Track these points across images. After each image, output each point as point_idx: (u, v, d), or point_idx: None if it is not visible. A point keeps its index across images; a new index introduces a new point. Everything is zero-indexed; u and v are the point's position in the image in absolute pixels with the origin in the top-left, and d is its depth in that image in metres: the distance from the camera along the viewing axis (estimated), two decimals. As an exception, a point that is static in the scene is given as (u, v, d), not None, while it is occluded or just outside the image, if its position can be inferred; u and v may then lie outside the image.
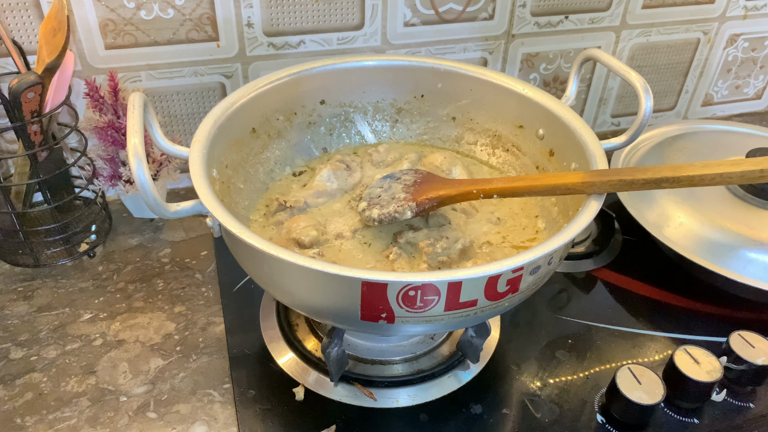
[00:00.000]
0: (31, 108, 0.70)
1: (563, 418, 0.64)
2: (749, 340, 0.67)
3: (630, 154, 0.95)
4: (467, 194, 0.63)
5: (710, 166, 0.54)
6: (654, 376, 0.62)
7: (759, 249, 0.76)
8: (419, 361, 0.69)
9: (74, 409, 0.63)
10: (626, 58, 1.06)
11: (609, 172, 0.58)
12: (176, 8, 0.80)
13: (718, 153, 0.92)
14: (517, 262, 0.49)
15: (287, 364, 0.68)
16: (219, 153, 0.64)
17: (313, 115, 0.78)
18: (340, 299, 0.52)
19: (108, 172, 0.81)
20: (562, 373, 0.69)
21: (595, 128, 1.13)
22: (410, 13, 0.89)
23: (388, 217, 0.63)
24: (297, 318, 0.73)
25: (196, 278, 0.79)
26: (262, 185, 0.73)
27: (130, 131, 0.52)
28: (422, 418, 0.64)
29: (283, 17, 0.84)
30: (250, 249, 0.51)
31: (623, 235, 0.89)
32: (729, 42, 1.11)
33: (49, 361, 0.68)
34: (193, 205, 0.55)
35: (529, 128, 0.74)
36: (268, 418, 0.63)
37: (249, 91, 0.70)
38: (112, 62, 0.81)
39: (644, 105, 0.65)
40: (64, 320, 0.72)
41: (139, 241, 0.84)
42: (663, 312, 0.78)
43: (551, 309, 0.77)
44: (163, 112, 0.88)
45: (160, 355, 0.69)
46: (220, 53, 0.85)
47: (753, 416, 0.65)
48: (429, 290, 0.49)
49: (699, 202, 0.82)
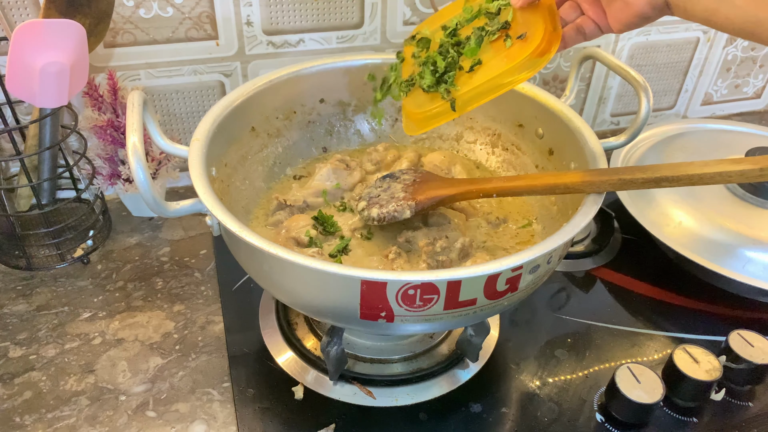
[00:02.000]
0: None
1: (562, 417, 0.64)
2: (748, 339, 0.67)
3: (629, 153, 0.95)
4: (466, 193, 0.63)
5: (709, 165, 0.54)
6: (653, 375, 0.62)
7: (758, 248, 0.76)
8: (418, 360, 0.69)
9: (73, 408, 0.63)
10: (626, 57, 1.06)
11: (608, 171, 0.58)
12: (175, 7, 0.79)
13: (718, 152, 0.92)
14: (516, 261, 0.49)
15: (286, 363, 0.68)
16: (218, 152, 0.64)
17: (312, 114, 0.78)
18: (340, 298, 0.52)
19: (107, 170, 0.81)
20: (561, 372, 0.69)
21: (595, 127, 1.13)
22: (410, 12, 0.89)
23: (387, 216, 0.63)
24: (296, 317, 0.73)
25: (195, 277, 0.79)
26: (262, 184, 0.73)
27: (130, 130, 0.52)
28: (421, 416, 0.64)
29: (282, 16, 0.84)
30: (249, 248, 0.51)
31: (622, 234, 0.89)
32: (728, 41, 1.11)
33: (48, 359, 0.68)
34: (192, 204, 0.55)
35: (528, 127, 0.74)
36: (267, 416, 0.63)
37: (248, 90, 0.70)
38: (111, 61, 0.81)
39: (644, 104, 0.65)
40: (63, 319, 0.72)
41: (138, 240, 0.84)
42: (662, 311, 0.78)
43: (550, 308, 0.77)
44: (163, 111, 0.87)
45: (159, 354, 0.69)
46: (219, 52, 0.85)
47: (752, 415, 0.65)
48: (428, 289, 0.49)
49: (698, 201, 0.82)
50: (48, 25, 0.63)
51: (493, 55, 0.57)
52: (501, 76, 0.55)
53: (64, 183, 0.86)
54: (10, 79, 0.64)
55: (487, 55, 0.58)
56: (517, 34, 0.56)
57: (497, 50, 0.57)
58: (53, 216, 0.81)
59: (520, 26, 0.56)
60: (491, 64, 0.57)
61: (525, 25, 0.55)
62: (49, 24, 0.63)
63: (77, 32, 0.65)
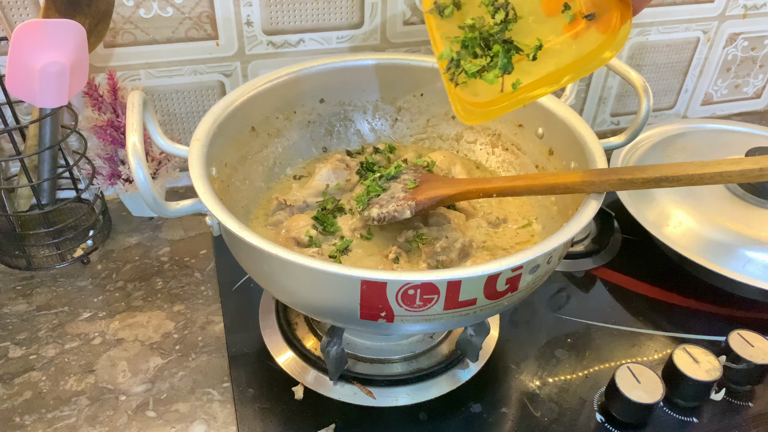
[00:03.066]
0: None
1: (562, 417, 0.64)
2: (748, 339, 0.67)
3: (629, 153, 0.95)
4: (466, 193, 0.63)
5: (710, 165, 0.54)
6: (653, 375, 0.62)
7: (758, 248, 0.76)
8: (418, 360, 0.69)
9: (73, 408, 0.63)
10: (626, 57, 1.06)
11: (608, 171, 0.58)
12: (175, 6, 0.79)
13: (718, 152, 0.92)
14: (516, 261, 0.49)
15: (286, 363, 0.68)
16: (218, 152, 0.64)
17: (312, 114, 0.78)
18: (340, 298, 0.52)
19: (107, 171, 0.81)
20: (561, 372, 0.69)
21: (595, 127, 1.13)
22: (410, 12, 0.89)
23: (387, 216, 0.63)
24: (296, 317, 0.73)
25: (195, 277, 0.79)
26: (262, 184, 0.73)
27: (130, 130, 0.52)
28: (421, 416, 0.64)
29: (282, 16, 0.84)
30: (249, 248, 0.51)
31: (622, 234, 0.89)
32: (728, 41, 1.11)
33: (48, 359, 0.68)
34: (192, 204, 0.55)
35: (528, 127, 0.74)
36: (267, 416, 0.63)
37: (248, 90, 0.70)
38: (111, 61, 0.81)
39: (644, 104, 0.65)
40: (63, 319, 0.72)
41: (138, 240, 0.84)
42: (662, 311, 0.78)
43: (550, 308, 0.77)
44: (163, 111, 0.87)
45: (159, 354, 0.69)
46: (219, 52, 0.85)
47: (752, 415, 0.65)
48: (428, 289, 0.49)
49: (698, 201, 0.82)
50: (48, 25, 0.63)
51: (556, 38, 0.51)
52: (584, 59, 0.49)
53: (64, 183, 0.86)
54: (10, 79, 0.64)
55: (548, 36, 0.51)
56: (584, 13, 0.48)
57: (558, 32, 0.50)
58: (53, 216, 0.81)
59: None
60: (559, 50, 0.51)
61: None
62: (49, 24, 0.63)
63: (77, 32, 0.65)
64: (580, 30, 0.50)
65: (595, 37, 0.49)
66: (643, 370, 0.63)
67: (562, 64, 0.51)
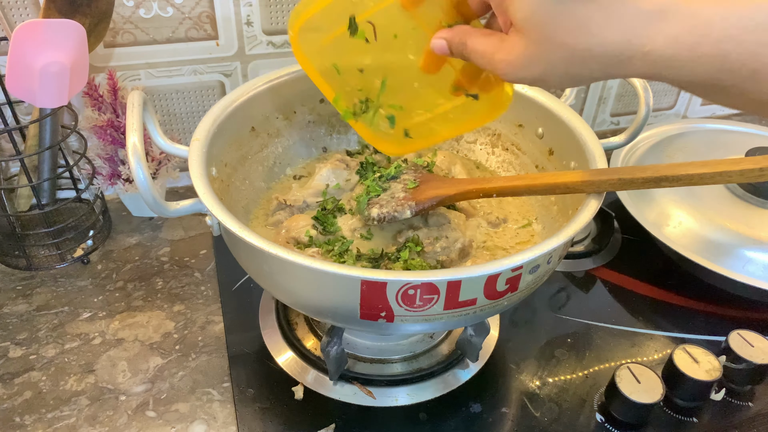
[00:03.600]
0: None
1: (562, 417, 0.64)
2: (748, 339, 0.67)
3: (629, 153, 0.95)
4: (466, 193, 0.63)
5: (709, 165, 0.54)
6: (653, 375, 0.62)
7: (758, 248, 0.76)
8: (418, 360, 0.69)
9: (73, 408, 0.63)
10: (626, 57, 1.06)
11: (608, 171, 0.58)
12: (175, 6, 0.79)
13: (718, 152, 0.92)
14: (516, 261, 0.49)
15: (286, 363, 0.68)
16: (218, 152, 0.64)
17: (312, 114, 0.78)
18: (340, 298, 0.52)
19: (107, 170, 0.81)
20: (561, 372, 0.69)
21: (595, 127, 1.13)
22: (410, 12, 0.89)
23: (387, 216, 0.63)
24: (296, 317, 0.73)
25: (195, 277, 0.79)
26: (262, 184, 0.73)
27: (129, 130, 0.52)
28: (421, 416, 0.64)
29: (282, 15, 0.84)
30: (249, 248, 0.51)
31: (622, 234, 0.89)
32: (728, 41, 1.11)
33: (48, 359, 0.68)
34: (192, 204, 0.55)
35: (528, 127, 0.74)
36: (267, 416, 0.63)
37: (248, 90, 0.69)
38: (111, 61, 0.81)
39: (644, 104, 0.65)
40: (63, 319, 0.72)
41: (138, 240, 0.84)
42: (662, 311, 0.78)
43: (550, 308, 0.77)
44: (163, 111, 0.87)
45: (159, 354, 0.69)
46: (219, 52, 0.85)
47: (752, 415, 0.65)
48: (428, 289, 0.49)
49: (698, 201, 0.82)
50: (48, 25, 0.63)
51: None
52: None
53: (64, 183, 0.86)
54: (10, 79, 0.64)
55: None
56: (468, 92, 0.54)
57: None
58: (53, 216, 0.81)
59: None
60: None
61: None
62: (49, 24, 0.63)
63: (77, 32, 0.65)
64: (464, 99, 0.55)
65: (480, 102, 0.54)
66: (643, 370, 0.63)
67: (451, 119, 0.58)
